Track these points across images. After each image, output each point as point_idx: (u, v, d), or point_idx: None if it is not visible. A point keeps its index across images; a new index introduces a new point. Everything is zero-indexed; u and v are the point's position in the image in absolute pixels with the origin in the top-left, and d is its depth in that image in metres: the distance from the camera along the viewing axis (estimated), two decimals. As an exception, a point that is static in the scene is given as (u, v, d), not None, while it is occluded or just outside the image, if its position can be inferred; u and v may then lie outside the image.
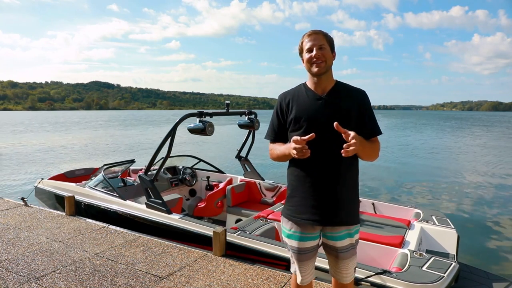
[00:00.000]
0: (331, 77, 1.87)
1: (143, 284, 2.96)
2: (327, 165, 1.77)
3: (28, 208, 5.16)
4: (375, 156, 1.85)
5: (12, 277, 3.05)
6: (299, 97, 1.88)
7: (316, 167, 1.78)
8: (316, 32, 1.83)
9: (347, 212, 1.83)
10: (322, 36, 1.82)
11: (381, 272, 2.69)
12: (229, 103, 4.56)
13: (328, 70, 1.83)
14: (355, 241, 1.91)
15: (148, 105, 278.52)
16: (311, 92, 1.86)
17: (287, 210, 1.93)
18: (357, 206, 1.92)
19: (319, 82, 1.84)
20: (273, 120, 1.98)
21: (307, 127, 1.80)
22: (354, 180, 1.88)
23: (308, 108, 1.82)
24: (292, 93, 1.92)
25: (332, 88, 1.85)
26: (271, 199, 5.38)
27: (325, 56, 1.79)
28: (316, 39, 1.80)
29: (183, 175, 5.90)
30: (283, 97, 1.94)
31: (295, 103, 1.86)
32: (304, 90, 1.89)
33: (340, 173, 1.79)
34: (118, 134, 30.44)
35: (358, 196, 1.93)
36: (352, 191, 1.87)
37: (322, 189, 1.79)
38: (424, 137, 28.15)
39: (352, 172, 1.86)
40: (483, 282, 3.12)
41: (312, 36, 1.82)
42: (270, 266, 3.27)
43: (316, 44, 1.79)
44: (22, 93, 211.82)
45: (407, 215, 4.23)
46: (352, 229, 1.87)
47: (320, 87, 1.85)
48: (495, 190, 9.72)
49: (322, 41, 1.81)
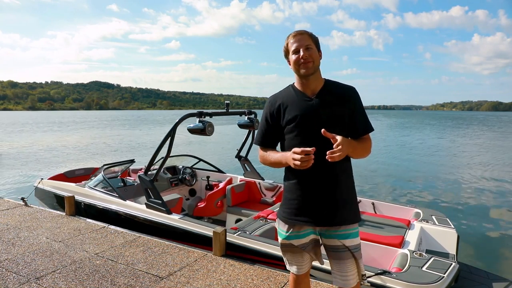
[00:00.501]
0: (319, 77, 1.83)
1: (143, 284, 2.96)
2: (322, 166, 1.73)
3: (28, 208, 5.16)
4: (366, 154, 1.83)
5: (12, 277, 3.05)
6: (290, 100, 1.84)
7: (311, 169, 1.73)
8: (301, 32, 1.78)
9: (344, 212, 1.80)
10: (308, 36, 1.78)
11: (381, 273, 2.69)
12: (229, 103, 4.57)
13: (316, 70, 1.79)
14: (357, 243, 1.85)
15: (148, 105, 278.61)
16: (301, 94, 1.83)
17: (283, 212, 1.90)
18: (355, 206, 1.88)
19: (307, 83, 1.80)
20: (262, 125, 1.93)
21: (300, 130, 1.77)
22: (350, 180, 1.87)
23: (301, 109, 1.78)
24: (282, 96, 1.88)
25: (322, 88, 1.81)
26: (271, 199, 5.38)
27: (313, 57, 1.75)
28: (302, 40, 1.76)
29: (183, 175, 5.90)
30: (273, 100, 1.89)
31: (286, 106, 1.82)
32: (293, 92, 1.85)
33: (339, 173, 1.78)
34: (117, 134, 30.45)
35: (355, 196, 1.90)
36: (349, 191, 1.85)
37: (319, 190, 1.78)
38: (423, 137, 28.15)
39: (349, 171, 1.85)
40: (483, 282, 3.12)
41: (297, 36, 1.77)
42: (270, 266, 3.27)
43: (302, 45, 1.75)
44: (22, 93, 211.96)
45: (407, 215, 4.23)
46: (351, 229, 1.83)
47: (309, 88, 1.81)
48: (495, 189, 9.72)
49: (308, 41, 1.76)
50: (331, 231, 1.82)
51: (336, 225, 1.80)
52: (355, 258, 1.83)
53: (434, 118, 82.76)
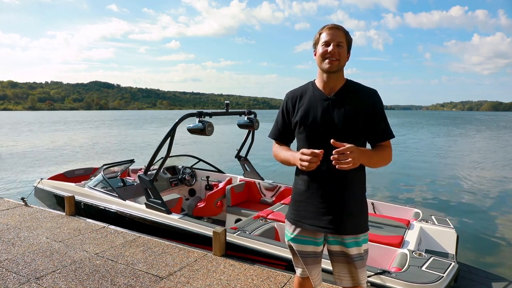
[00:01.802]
0: (341, 77, 1.76)
1: (143, 284, 2.96)
2: (332, 172, 1.66)
3: (28, 208, 5.16)
4: (386, 162, 1.73)
5: (12, 277, 3.05)
6: (306, 97, 1.78)
7: (322, 172, 1.68)
8: (337, 27, 1.71)
9: (353, 220, 1.74)
10: (343, 33, 1.70)
11: (380, 272, 2.69)
12: (229, 103, 4.57)
13: (340, 70, 1.73)
14: (364, 251, 1.78)
15: (148, 105, 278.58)
16: (318, 92, 1.76)
17: (291, 214, 1.87)
18: (364, 214, 1.81)
19: (328, 80, 1.74)
20: (278, 119, 1.90)
21: (313, 129, 1.72)
22: (362, 187, 1.80)
23: (314, 109, 1.73)
24: (300, 92, 1.83)
25: (341, 88, 1.74)
26: (270, 199, 5.38)
27: (340, 55, 1.68)
28: (336, 35, 1.68)
29: (182, 175, 5.90)
30: (290, 96, 1.85)
31: (301, 104, 1.78)
32: (312, 89, 1.79)
33: (347, 179, 1.70)
34: (118, 133, 30.45)
35: (366, 204, 1.83)
36: (359, 198, 1.78)
37: (328, 195, 1.72)
38: (423, 136, 28.15)
39: (360, 179, 1.77)
40: (482, 282, 3.12)
41: (333, 30, 1.70)
42: (269, 266, 3.27)
43: (334, 40, 1.67)
44: (22, 93, 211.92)
45: (406, 215, 4.23)
46: (360, 237, 1.76)
47: (328, 86, 1.75)
48: (494, 190, 9.73)
49: (342, 38, 1.69)
50: (336, 238, 1.76)
51: (343, 233, 1.74)
52: (355, 267, 1.77)
53: (434, 118, 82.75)
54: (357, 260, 1.76)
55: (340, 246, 1.77)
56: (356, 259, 1.76)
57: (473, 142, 24.10)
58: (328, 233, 1.77)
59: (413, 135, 29.84)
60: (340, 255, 1.79)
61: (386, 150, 1.74)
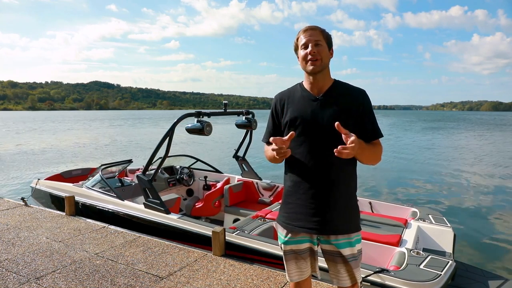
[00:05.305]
0: (328, 76, 1.76)
1: (143, 284, 2.98)
2: (322, 170, 1.67)
3: (28, 208, 5.17)
4: (377, 160, 1.73)
5: (12, 277, 3.07)
6: (294, 98, 1.79)
7: (310, 173, 1.68)
8: (312, 27, 1.71)
9: (344, 220, 1.73)
10: (319, 32, 1.70)
11: (379, 271, 2.71)
12: (227, 103, 4.57)
13: (325, 68, 1.72)
14: (357, 251, 1.77)
15: (148, 105, 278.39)
16: (306, 93, 1.77)
17: (281, 216, 1.85)
18: (355, 213, 1.81)
19: (314, 81, 1.74)
20: (268, 122, 1.90)
21: (302, 130, 1.71)
22: (352, 186, 1.78)
23: (303, 110, 1.73)
24: (288, 94, 1.83)
25: (329, 88, 1.74)
26: (268, 199, 5.40)
27: (321, 54, 1.68)
28: (312, 35, 1.69)
29: (180, 175, 5.90)
30: (278, 98, 1.85)
31: (290, 105, 1.78)
32: (300, 90, 1.80)
33: (337, 179, 1.70)
34: (117, 134, 30.44)
35: (356, 203, 1.83)
36: (350, 197, 1.77)
37: (317, 195, 1.71)
38: (422, 136, 28.16)
39: (350, 178, 1.77)
40: (479, 280, 3.15)
41: (308, 31, 1.70)
42: (269, 265, 3.28)
43: (311, 40, 1.68)
44: (22, 93, 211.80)
45: (404, 214, 4.25)
46: (352, 237, 1.75)
47: (316, 87, 1.75)
48: (491, 189, 9.75)
49: (319, 37, 1.69)
50: (327, 238, 1.75)
51: (331, 234, 1.73)
52: (350, 266, 1.76)
53: (435, 118, 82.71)
54: (351, 261, 1.76)
55: (333, 246, 1.75)
56: (350, 259, 1.75)
57: (472, 142, 24.11)
58: (318, 234, 1.75)
59: (413, 135, 29.86)
60: (333, 255, 1.78)
61: (377, 147, 1.75)
